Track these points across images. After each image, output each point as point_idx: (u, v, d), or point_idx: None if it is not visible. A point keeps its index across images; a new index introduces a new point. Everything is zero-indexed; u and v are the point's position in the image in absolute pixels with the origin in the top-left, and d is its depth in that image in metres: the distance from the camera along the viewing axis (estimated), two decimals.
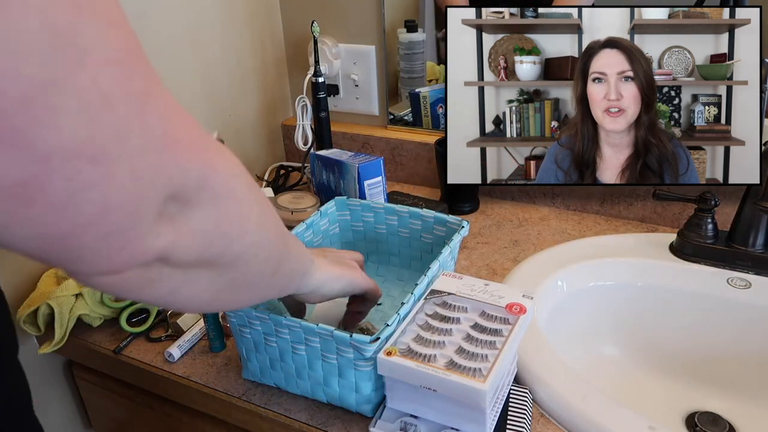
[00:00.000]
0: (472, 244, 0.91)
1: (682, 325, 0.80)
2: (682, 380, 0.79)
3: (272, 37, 1.16)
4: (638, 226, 0.94)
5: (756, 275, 0.77)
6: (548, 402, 0.61)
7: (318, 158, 0.97)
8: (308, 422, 0.61)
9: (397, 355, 0.52)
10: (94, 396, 0.86)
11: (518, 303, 0.58)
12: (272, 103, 1.20)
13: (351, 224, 0.82)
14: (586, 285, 0.81)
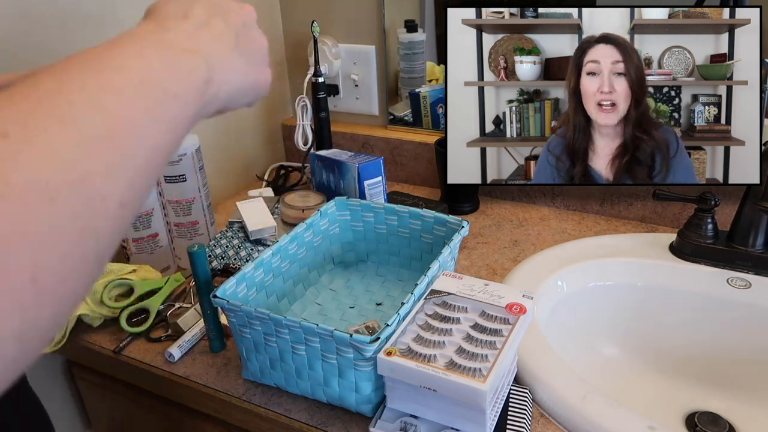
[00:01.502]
0: (472, 244, 0.91)
1: (682, 325, 0.80)
2: (681, 380, 0.79)
3: (272, 37, 1.16)
4: (638, 226, 0.94)
5: (756, 275, 0.77)
6: (548, 402, 0.61)
7: (318, 158, 0.97)
8: (308, 422, 0.61)
9: (397, 355, 0.52)
10: (94, 396, 0.86)
11: (518, 303, 0.58)
12: (272, 103, 1.20)
13: (351, 224, 0.82)
14: (586, 285, 0.81)
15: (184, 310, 0.77)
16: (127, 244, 0.83)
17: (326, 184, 0.97)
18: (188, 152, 0.83)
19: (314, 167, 0.99)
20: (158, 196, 0.84)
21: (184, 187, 0.83)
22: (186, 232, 0.86)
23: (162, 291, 0.77)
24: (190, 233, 0.87)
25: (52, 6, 0.77)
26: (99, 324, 0.77)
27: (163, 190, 0.84)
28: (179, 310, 0.78)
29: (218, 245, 0.86)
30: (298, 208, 0.92)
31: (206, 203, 0.87)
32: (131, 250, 0.83)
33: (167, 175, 0.83)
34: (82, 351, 0.77)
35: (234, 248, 0.85)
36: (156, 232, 0.84)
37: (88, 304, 0.74)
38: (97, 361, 0.76)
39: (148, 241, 0.83)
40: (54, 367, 0.86)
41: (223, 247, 0.85)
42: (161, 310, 0.77)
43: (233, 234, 0.88)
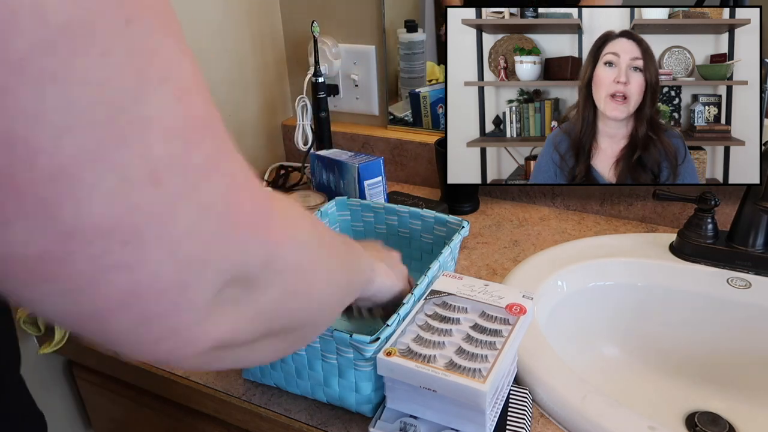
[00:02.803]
0: (472, 244, 0.91)
1: (682, 325, 0.80)
2: (681, 380, 0.79)
3: (272, 37, 1.16)
4: (638, 226, 0.94)
5: (756, 275, 0.77)
6: (548, 402, 0.61)
7: (318, 158, 0.97)
8: (308, 422, 0.61)
9: (397, 356, 0.52)
10: (94, 396, 0.86)
11: (518, 303, 0.58)
12: (272, 103, 1.20)
13: (351, 224, 0.82)
14: (586, 285, 0.81)
15: None
16: None
17: (326, 184, 0.97)
18: None
19: (314, 167, 0.99)
20: None
21: None
22: None
23: None
24: None
25: None
26: None
27: None
28: None
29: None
30: None
31: None
32: None
33: None
34: (83, 351, 0.77)
35: None
36: None
37: None
38: (97, 361, 0.76)
39: None
40: (54, 367, 0.86)
41: None
42: None
43: None
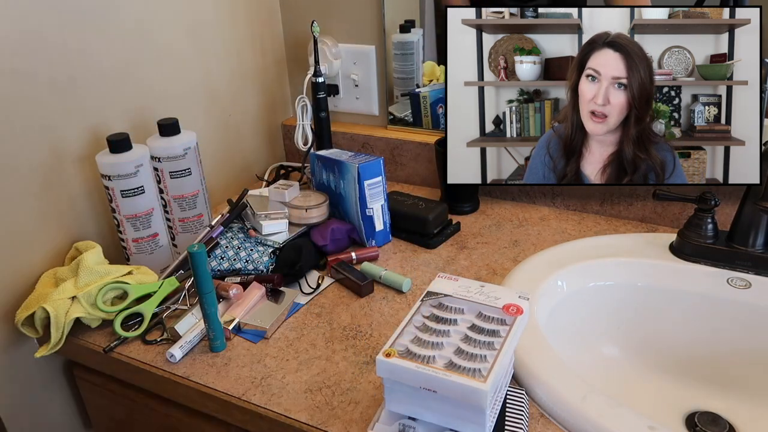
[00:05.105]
0: (472, 244, 0.91)
1: (682, 325, 0.80)
2: (682, 380, 0.79)
3: (272, 37, 1.16)
4: (638, 226, 0.94)
5: (756, 275, 0.77)
6: (548, 402, 0.61)
7: (318, 158, 0.97)
8: (308, 422, 0.61)
9: (396, 357, 0.52)
10: (94, 396, 0.86)
11: (515, 304, 0.58)
12: (272, 103, 1.20)
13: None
14: (586, 285, 0.81)
15: (180, 312, 0.77)
16: (126, 244, 0.83)
17: (326, 184, 0.97)
18: (191, 146, 0.83)
19: (314, 167, 0.99)
20: (158, 195, 0.84)
21: (189, 181, 0.85)
22: (191, 226, 0.88)
23: (156, 295, 0.77)
24: (195, 227, 0.88)
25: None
26: (98, 325, 0.77)
27: (167, 189, 0.85)
28: (175, 313, 0.78)
29: (218, 246, 0.85)
30: (301, 207, 0.92)
31: (207, 196, 0.90)
32: (131, 250, 0.83)
33: (173, 171, 0.83)
34: (82, 351, 0.77)
35: (234, 249, 0.85)
36: (156, 232, 0.84)
37: (85, 307, 0.74)
38: (97, 361, 0.76)
39: (147, 242, 0.83)
40: (54, 367, 0.86)
41: (223, 248, 0.85)
42: (156, 314, 0.77)
43: (233, 235, 0.88)
